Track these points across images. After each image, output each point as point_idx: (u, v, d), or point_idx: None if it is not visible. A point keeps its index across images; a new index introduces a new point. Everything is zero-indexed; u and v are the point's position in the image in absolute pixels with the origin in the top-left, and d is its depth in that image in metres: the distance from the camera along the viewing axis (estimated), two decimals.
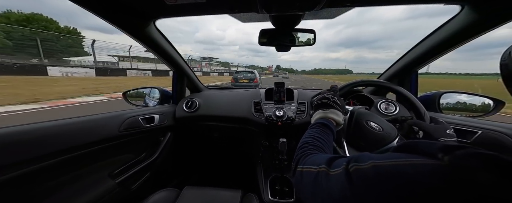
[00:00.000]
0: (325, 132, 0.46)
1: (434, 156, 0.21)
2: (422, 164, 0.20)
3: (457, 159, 0.19)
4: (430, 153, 0.21)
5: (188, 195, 0.74)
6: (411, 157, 0.22)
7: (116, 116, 0.85)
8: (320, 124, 0.49)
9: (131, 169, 0.93)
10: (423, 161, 0.21)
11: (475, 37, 0.65)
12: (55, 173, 0.65)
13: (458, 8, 0.62)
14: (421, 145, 0.24)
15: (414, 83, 0.94)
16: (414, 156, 0.22)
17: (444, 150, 0.21)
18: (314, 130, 0.46)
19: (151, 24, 0.77)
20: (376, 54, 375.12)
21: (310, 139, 0.43)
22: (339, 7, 0.65)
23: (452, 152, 0.20)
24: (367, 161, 0.25)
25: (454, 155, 0.20)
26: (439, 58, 0.82)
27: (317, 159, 0.34)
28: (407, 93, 0.66)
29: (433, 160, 0.20)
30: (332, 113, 0.53)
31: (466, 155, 0.19)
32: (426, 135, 0.55)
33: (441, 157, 0.20)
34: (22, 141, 0.56)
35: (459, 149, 0.20)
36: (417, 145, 0.24)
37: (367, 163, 0.24)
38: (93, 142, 0.72)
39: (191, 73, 1.23)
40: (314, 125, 0.49)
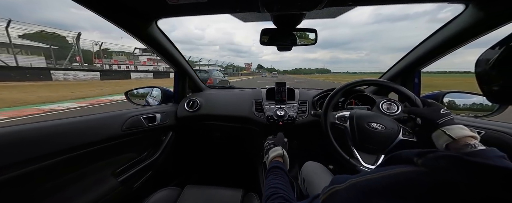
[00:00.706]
0: (278, 174, 0.50)
1: (411, 161, 0.23)
2: (401, 172, 0.22)
3: (428, 160, 0.21)
4: (409, 159, 0.23)
5: (190, 194, 0.75)
6: (391, 168, 0.24)
7: (119, 115, 0.86)
8: (271, 168, 0.54)
9: (133, 168, 0.93)
10: (401, 169, 0.23)
11: (479, 37, 0.64)
12: (58, 171, 0.66)
13: (461, 7, 0.61)
14: (403, 154, 0.26)
15: (417, 82, 0.94)
16: (396, 166, 0.24)
17: (418, 154, 0.23)
18: (270, 178, 0.50)
19: (153, 24, 0.78)
20: (348, 55, 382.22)
21: (273, 190, 0.44)
22: (341, 7, 0.64)
23: (425, 156, 0.22)
24: (344, 181, 0.26)
25: (426, 157, 0.22)
26: (442, 57, 0.81)
27: None
28: (392, 84, 0.67)
29: (410, 166, 0.22)
30: (272, 152, 0.61)
31: (436, 157, 0.21)
32: (424, 120, 0.55)
33: (416, 161, 0.22)
34: (25, 140, 0.57)
35: (430, 153, 0.22)
36: (400, 155, 0.26)
37: (345, 182, 0.25)
38: (96, 141, 0.73)
39: (193, 73, 1.23)
40: (268, 173, 0.54)
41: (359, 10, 0.74)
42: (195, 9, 0.67)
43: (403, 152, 0.26)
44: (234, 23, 31.28)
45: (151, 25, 0.77)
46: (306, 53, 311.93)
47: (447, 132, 0.47)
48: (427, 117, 0.53)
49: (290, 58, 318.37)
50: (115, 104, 4.98)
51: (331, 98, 0.70)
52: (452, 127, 0.48)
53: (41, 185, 0.62)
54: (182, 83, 1.22)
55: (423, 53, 0.83)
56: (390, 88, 0.68)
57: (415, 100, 0.60)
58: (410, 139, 0.61)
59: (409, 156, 0.24)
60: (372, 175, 0.24)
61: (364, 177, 0.24)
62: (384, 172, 0.23)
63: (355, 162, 0.60)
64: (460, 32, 0.66)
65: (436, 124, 0.50)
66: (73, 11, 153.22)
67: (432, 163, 0.21)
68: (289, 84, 1.15)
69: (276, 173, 0.51)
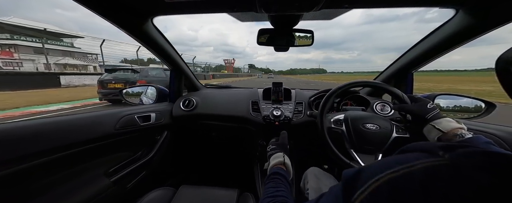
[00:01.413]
0: (279, 181, 0.47)
1: (434, 154, 0.20)
2: (431, 166, 0.19)
3: (459, 156, 0.19)
4: (430, 151, 0.21)
5: (184, 194, 0.74)
6: (412, 159, 0.20)
7: (112, 114, 0.84)
8: (271, 175, 0.50)
9: (126, 167, 0.92)
10: (429, 162, 0.19)
11: (470, 40, 0.67)
12: (49, 170, 0.64)
13: (452, 12, 0.63)
14: (418, 146, 0.23)
15: (410, 84, 0.96)
16: (415, 156, 0.21)
17: (445, 148, 0.20)
18: (269, 185, 0.47)
19: (149, 21, 0.76)
20: (341, 55, 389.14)
21: (270, 199, 0.41)
22: (337, 9, 0.65)
23: (454, 150, 0.20)
24: (365, 184, 0.21)
25: (456, 152, 0.19)
26: (434, 60, 0.83)
27: None
28: (382, 85, 0.69)
29: (434, 157, 0.20)
30: (274, 158, 0.57)
31: (468, 152, 0.19)
32: (414, 116, 0.58)
33: (442, 155, 0.20)
34: (16, 137, 0.55)
35: (460, 148, 0.20)
36: (416, 146, 0.24)
37: (367, 186, 0.21)
38: (88, 139, 0.72)
39: (189, 72, 1.22)
40: (267, 179, 0.50)
41: (352, 11, 0.77)
42: (192, 7, 0.67)
43: (418, 144, 0.24)
44: (228, 24, 30.71)
45: (147, 23, 0.76)
46: (300, 54, 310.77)
47: (436, 126, 0.50)
48: (416, 112, 0.56)
49: (284, 58, 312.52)
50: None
51: (326, 100, 0.71)
52: (440, 121, 0.51)
53: (30, 184, 0.60)
54: (178, 82, 1.21)
55: (415, 56, 0.85)
56: (381, 89, 0.70)
57: (402, 97, 0.63)
58: (403, 135, 0.63)
59: (430, 148, 0.21)
60: (394, 171, 0.20)
61: (386, 175, 0.20)
62: (406, 167, 0.20)
63: (355, 165, 0.61)
64: (451, 36, 0.69)
65: (425, 119, 0.53)
66: (58, 11, 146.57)
67: (465, 160, 0.18)
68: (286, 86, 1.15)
69: (276, 180, 0.48)
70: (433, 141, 0.51)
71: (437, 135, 0.50)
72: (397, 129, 0.64)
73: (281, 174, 0.49)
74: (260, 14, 0.66)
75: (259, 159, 1.19)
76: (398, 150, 0.25)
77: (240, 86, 1.41)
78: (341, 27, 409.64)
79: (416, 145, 0.24)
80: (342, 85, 0.73)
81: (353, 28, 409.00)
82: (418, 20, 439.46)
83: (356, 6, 0.62)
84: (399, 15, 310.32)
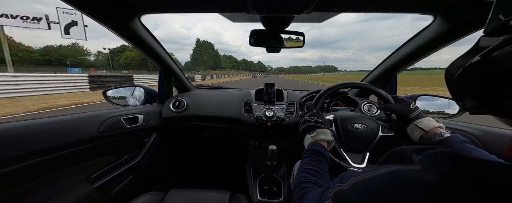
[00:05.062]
0: (317, 159, 0.47)
1: (410, 158, 0.24)
2: (397, 170, 0.23)
3: (426, 156, 0.22)
4: (408, 156, 0.24)
5: (174, 198, 0.71)
6: (389, 166, 0.24)
7: (95, 116, 0.79)
8: (311, 151, 0.50)
9: (111, 172, 0.87)
10: (397, 167, 0.23)
11: (447, 44, 0.72)
12: (25, 177, 0.59)
13: (431, 18, 0.68)
14: (402, 151, 0.27)
15: (394, 85, 1.02)
16: (394, 165, 0.24)
17: (417, 151, 0.24)
18: (306, 161, 0.47)
19: (136, 19, 0.74)
20: (336, 54, 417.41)
21: (304, 175, 0.43)
22: (326, 12, 0.67)
23: (423, 152, 0.23)
24: (347, 181, 0.27)
25: (424, 154, 0.23)
26: (415, 63, 0.89)
27: (312, 198, 0.35)
28: (365, 85, 0.73)
29: (407, 164, 0.23)
30: (319, 133, 0.55)
31: (433, 153, 0.22)
32: (398, 116, 0.62)
33: (414, 158, 0.23)
34: None
35: (429, 149, 0.23)
36: (400, 151, 0.27)
37: (348, 182, 0.26)
38: (68, 143, 0.67)
39: (179, 72, 1.19)
40: (306, 153, 0.50)
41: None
42: (182, 6, 0.65)
43: (402, 148, 0.27)
44: (222, 23, 29.79)
45: (134, 21, 0.73)
46: (296, 53, 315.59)
47: (418, 125, 0.54)
48: (400, 112, 0.60)
49: (280, 58, 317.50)
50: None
51: (317, 101, 0.73)
52: (422, 120, 0.55)
53: (5, 191, 0.55)
54: (167, 83, 1.17)
55: (398, 59, 0.90)
56: (368, 90, 0.73)
57: (387, 98, 0.67)
58: (388, 134, 0.67)
59: (408, 153, 0.25)
60: (371, 173, 0.24)
61: (364, 176, 0.25)
62: (382, 171, 0.24)
63: (345, 164, 0.63)
64: (430, 41, 0.74)
65: (409, 118, 0.57)
66: (37, 6, 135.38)
67: (429, 159, 0.22)
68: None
69: (315, 158, 0.47)
70: (416, 139, 0.55)
71: (420, 134, 0.54)
72: (382, 128, 0.68)
73: (323, 154, 0.49)
74: (252, 15, 0.66)
75: (251, 160, 1.19)
76: (384, 156, 0.29)
77: (232, 87, 1.40)
78: (337, 25, 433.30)
79: (396, 151, 0.28)
80: (331, 86, 0.75)
81: (348, 26, 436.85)
82: (413, 18, 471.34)
83: (343, 10, 0.65)
84: (395, 14, 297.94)
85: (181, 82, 1.25)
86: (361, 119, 0.70)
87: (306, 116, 0.62)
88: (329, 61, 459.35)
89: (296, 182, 0.43)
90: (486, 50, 0.21)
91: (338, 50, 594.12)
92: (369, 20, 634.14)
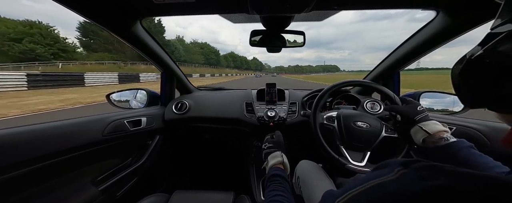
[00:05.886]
0: (279, 182, 0.48)
1: (392, 171, 0.24)
2: (379, 183, 0.23)
3: (412, 170, 0.22)
4: (393, 169, 0.24)
5: (178, 200, 0.72)
6: (372, 177, 0.24)
7: (99, 119, 0.80)
8: (270, 177, 0.51)
9: (116, 175, 0.88)
10: (377, 181, 0.23)
11: (450, 40, 0.71)
12: (31, 181, 0.60)
13: (433, 13, 0.67)
14: (391, 162, 0.26)
15: (397, 82, 1.00)
16: (376, 174, 0.25)
17: (403, 164, 0.24)
18: (270, 189, 0.47)
19: (138, 23, 0.74)
20: (332, 54, 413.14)
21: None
22: (327, 10, 0.67)
23: (409, 166, 0.23)
24: (344, 193, 0.25)
25: (410, 168, 0.23)
26: (417, 60, 0.88)
27: None
28: (373, 84, 0.71)
29: (389, 175, 0.23)
30: (272, 158, 0.57)
31: (419, 167, 0.22)
32: (403, 117, 0.60)
33: (397, 171, 0.23)
34: None
35: (414, 163, 0.23)
36: (389, 163, 0.27)
37: (345, 195, 0.25)
38: (74, 147, 0.68)
39: (181, 74, 1.20)
40: (268, 181, 0.51)
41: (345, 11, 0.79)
42: (182, 9, 0.66)
43: (392, 161, 0.27)
44: (219, 22, 30.51)
45: (136, 25, 0.74)
46: (293, 53, 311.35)
47: (423, 127, 0.52)
48: (405, 114, 0.58)
49: (277, 57, 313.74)
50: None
51: (319, 99, 0.72)
52: (428, 123, 0.53)
53: (11, 196, 0.56)
54: (169, 85, 1.18)
55: (401, 56, 0.89)
56: (373, 88, 0.72)
57: (394, 98, 0.65)
58: (392, 135, 0.65)
59: (394, 166, 0.25)
60: (355, 190, 0.24)
61: (348, 194, 0.25)
62: (363, 186, 0.24)
63: (344, 161, 0.62)
64: (433, 36, 0.73)
65: (414, 120, 0.55)
66: (26, 3, 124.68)
67: (413, 173, 0.22)
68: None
69: (276, 182, 0.48)
70: (419, 142, 0.53)
71: (423, 136, 0.52)
72: (386, 129, 0.66)
73: (281, 176, 0.50)
74: (252, 15, 0.66)
75: (254, 161, 1.19)
76: (376, 166, 0.29)
77: (234, 88, 1.41)
78: (334, 26, 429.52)
79: (384, 163, 0.28)
80: (334, 84, 0.74)
81: (345, 26, 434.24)
82: (409, 19, 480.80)
83: (344, 8, 0.65)
84: (391, 14, 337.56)
85: (183, 84, 1.25)
86: (364, 117, 0.69)
87: (263, 145, 0.65)
88: (326, 61, 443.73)
89: None
90: (489, 44, 0.22)
91: (335, 50, 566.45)
92: (366, 20, 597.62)
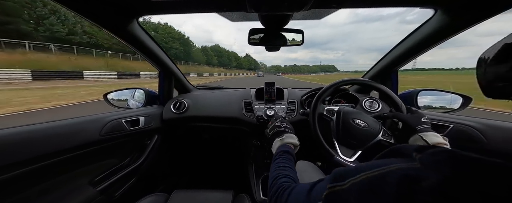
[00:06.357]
0: (288, 159, 0.50)
1: (409, 156, 0.23)
2: (397, 169, 0.22)
3: (427, 155, 0.22)
4: (408, 154, 0.24)
5: (178, 199, 0.72)
6: (390, 163, 0.24)
7: (96, 119, 0.79)
8: (281, 152, 0.53)
9: (114, 175, 0.87)
10: (396, 166, 0.23)
11: (448, 38, 0.71)
12: (29, 182, 0.59)
13: (431, 12, 0.67)
14: (403, 148, 0.26)
15: (395, 81, 1.01)
16: (393, 160, 0.24)
17: (418, 149, 0.23)
18: (279, 160, 0.50)
19: (134, 21, 0.73)
20: (326, 55, 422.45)
21: (279, 171, 0.45)
22: (325, 8, 0.67)
23: (424, 151, 0.23)
24: (345, 180, 0.25)
25: (425, 152, 0.22)
26: (416, 58, 0.88)
27: (298, 194, 0.34)
28: (384, 89, 0.71)
29: (407, 161, 0.23)
30: (287, 137, 0.59)
31: (436, 152, 0.22)
32: (405, 125, 0.60)
33: (415, 156, 0.23)
34: None
35: (430, 148, 0.23)
36: (400, 149, 0.26)
37: (346, 182, 0.25)
38: (70, 147, 0.67)
39: (179, 73, 1.19)
40: (277, 155, 0.53)
41: (339, 10, 0.79)
42: (180, 7, 0.65)
43: (403, 146, 0.27)
44: (214, 21, 29.57)
45: (132, 23, 0.73)
46: (288, 53, 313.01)
47: (423, 137, 0.54)
48: (408, 122, 0.59)
49: (273, 58, 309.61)
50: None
51: (319, 96, 0.72)
52: (428, 134, 0.54)
53: (7, 198, 0.55)
54: (167, 84, 1.17)
55: (399, 54, 0.90)
56: (378, 90, 0.72)
57: (400, 106, 0.65)
58: (388, 140, 0.64)
59: (408, 150, 0.24)
60: (371, 172, 0.24)
61: (362, 176, 0.24)
62: (382, 169, 0.23)
63: (333, 152, 0.63)
64: (430, 34, 0.73)
65: (415, 129, 0.56)
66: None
67: (430, 157, 0.21)
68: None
69: (287, 158, 0.51)
70: None
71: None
72: (384, 133, 0.65)
73: (291, 154, 0.53)
74: (250, 14, 0.66)
75: (253, 159, 1.19)
76: (383, 152, 0.29)
77: (233, 87, 1.40)
78: (328, 26, 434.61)
79: (396, 148, 0.28)
80: (334, 83, 0.74)
81: (339, 27, 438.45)
82: (400, 21, 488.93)
83: (343, 6, 0.64)
84: (383, 16, 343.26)
85: (181, 83, 1.25)
86: (365, 117, 0.68)
87: (276, 122, 0.67)
88: (321, 61, 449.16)
89: (273, 179, 0.44)
90: None
91: (328, 51, 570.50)
92: (359, 22, 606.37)
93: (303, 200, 0.31)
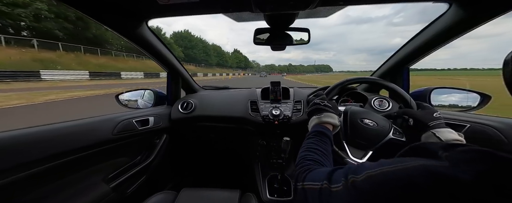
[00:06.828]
0: (322, 141, 0.46)
1: (435, 155, 0.22)
2: (421, 165, 0.21)
3: (456, 153, 0.21)
4: (433, 152, 0.23)
5: (186, 197, 0.73)
6: (412, 160, 0.22)
7: (109, 119, 0.83)
8: (316, 132, 0.49)
9: (126, 172, 0.90)
10: (421, 162, 0.22)
11: (463, 34, 0.68)
12: (46, 179, 0.62)
13: (446, 6, 0.64)
14: (428, 146, 0.25)
15: (406, 79, 0.97)
16: (417, 159, 0.23)
17: (445, 148, 0.22)
18: (311, 141, 0.46)
19: (144, 24, 0.76)
20: (318, 55, 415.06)
21: (308, 152, 0.43)
22: (332, 6, 0.66)
23: (453, 149, 0.22)
24: (362, 172, 0.25)
25: (454, 150, 0.21)
26: (429, 54, 0.84)
27: (317, 175, 0.33)
28: (391, 85, 0.68)
29: (433, 160, 0.21)
30: (326, 116, 0.54)
31: (466, 150, 0.21)
32: (416, 122, 0.57)
33: (441, 154, 0.21)
34: (11, 147, 0.54)
35: (460, 146, 0.22)
36: (425, 146, 0.25)
37: (363, 174, 0.25)
38: (85, 146, 0.70)
39: (186, 73, 1.21)
40: (311, 134, 0.49)
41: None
42: (187, 9, 0.66)
43: (428, 143, 0.26)
44: (206, 20, 29.42)
45: (142, 26, 0.75)
46: (281, 53, 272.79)
47: (436, 134, 0.50)
48: (419, 118, 0.56)
49: (266, 58, 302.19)
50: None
51: (327, 94, 0.71)
52: (442, 130, 0.51)
53: (27, 194, 0.59)
54: (175, 85, 1.20)
55: (411, 51, 0.86)
56: (388, 88, 0.69)
57: (410, 102, 0.63)
58: (399, 138, 0.62)
59: (433, 149, 0.23)
60: (390, 167, 0.23)
61: (383, 169, 0.23)
62: (402, 165, 0.22)
63: (343, 154, 0.61)
64: (444, 30, 0.69)
65: (427, 126, 0.53)
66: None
67: (460, 156, 0.20)
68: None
69: (319, 139, 0.46)
70: None
71: None
72: (394, 131, 0.63)
73: (327, 135, 0.48)
74: (256, 13, 0.66)
75: (259, 159, 1.19)
76: (403, 150, 0.28)
77: (239, 87, 1.41)
78: (320, 27, 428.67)
79: (418, 145, 0.26)
80: (340, 82, 0.73)
81: (330, 29, 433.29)
82: (387, 23, 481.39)
83: (351, 3, 0.63)
84: (372, 18, 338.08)
85: (188, 84, 1.27)
86: (373, 116, 0.66)
87: (316, 99, 0.61)
88: (314, 61, 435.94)
89: (300, 158, 0.42)
90: None
91: (321, 51, 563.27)
92: (350, 23, 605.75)
93: (322, 179, 0.30)
